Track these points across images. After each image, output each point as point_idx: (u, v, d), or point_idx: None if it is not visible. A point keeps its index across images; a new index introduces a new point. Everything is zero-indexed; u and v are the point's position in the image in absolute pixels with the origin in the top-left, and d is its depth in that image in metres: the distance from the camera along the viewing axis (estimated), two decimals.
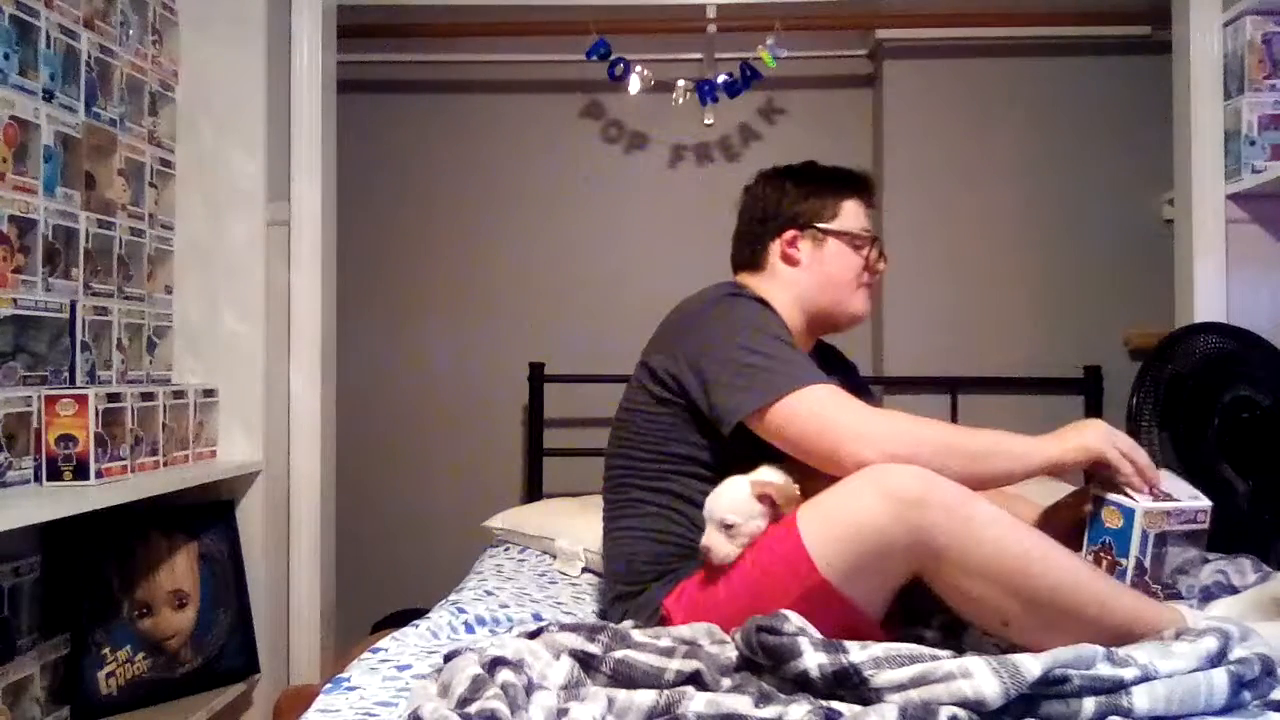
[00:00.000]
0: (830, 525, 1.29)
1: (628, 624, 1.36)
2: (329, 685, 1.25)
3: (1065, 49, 2.98)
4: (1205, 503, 1.43)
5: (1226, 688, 1.07)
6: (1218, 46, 2.28)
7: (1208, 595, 1.57)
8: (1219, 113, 2.28)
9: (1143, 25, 2.88)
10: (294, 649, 2.34)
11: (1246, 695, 1.09)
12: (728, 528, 1.38)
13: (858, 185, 1.70)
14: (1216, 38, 2.28)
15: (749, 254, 1.71)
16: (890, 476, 1.27)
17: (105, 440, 1.80)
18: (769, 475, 1.43)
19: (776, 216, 1.68)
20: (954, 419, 2.81)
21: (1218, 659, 1.10)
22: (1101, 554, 1.43)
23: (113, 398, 1.84)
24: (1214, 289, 2.27)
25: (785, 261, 1.67)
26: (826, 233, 1.65)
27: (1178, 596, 1.44)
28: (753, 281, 1.67)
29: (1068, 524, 1.51)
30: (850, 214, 1.68)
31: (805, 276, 1.66)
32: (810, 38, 2.97)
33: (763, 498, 1.39)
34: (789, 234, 1.66)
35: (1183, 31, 2.35)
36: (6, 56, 1.70)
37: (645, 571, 1.51)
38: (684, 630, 1.28)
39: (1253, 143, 2.19)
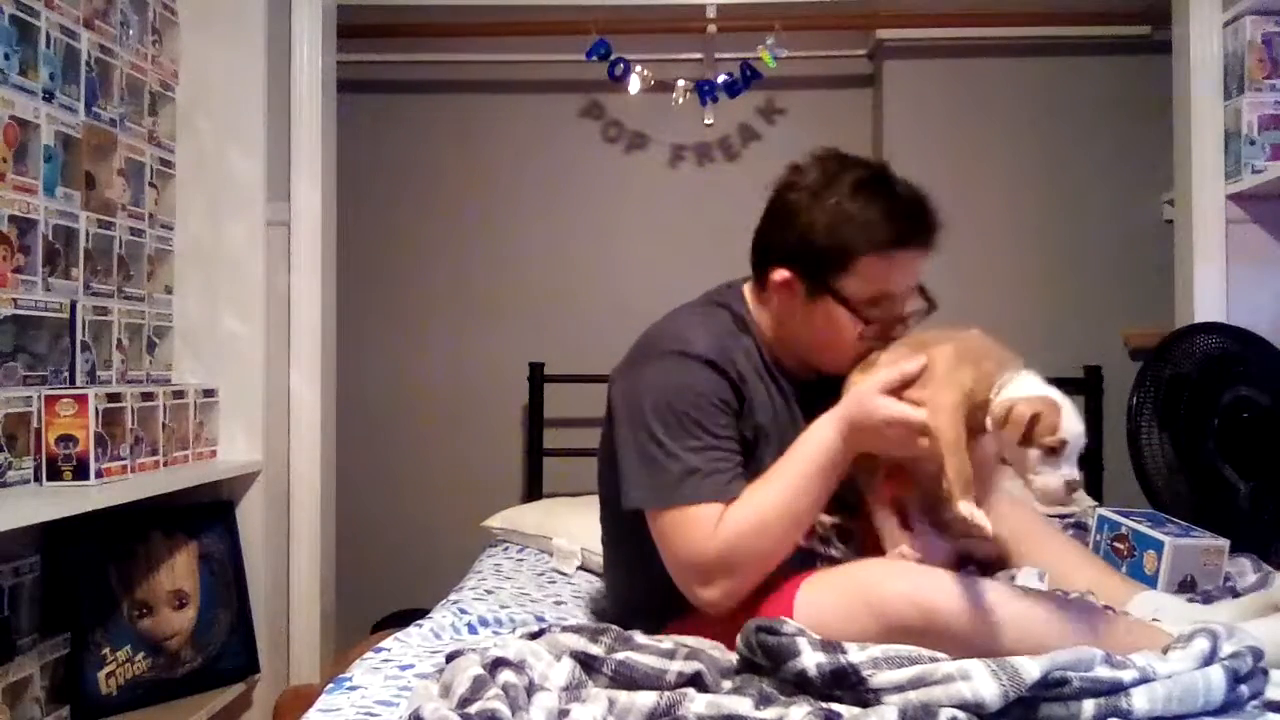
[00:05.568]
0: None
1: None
2: (331, 685, 1.25)
3: (1065, 49, 2.98)
4: None
5: (1223, 684, 1.07)
6: (1218, 46, 2.28)
7: (1208, 597, 1.58)
8: (1219, 113, 2.28)
9: (1142, 25, 2.88)
10: (294, 649, 2.34)
11: (1244, 690, 1.10)
12: None
13: (901, 235, 1.35)
14: (1216, 38, 2.28)
15: (754, 262, 1.47)
16: (887, 609, 1.21)
17: (105, 440, 1.80)
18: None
19: (783, 244, 1.40)
20: None
21: (1211, 658, 1.10)
22: None
23: (113, 398, 1.84)
24: (1214, 289, 2.27)
25: (777, 297, 1.43)
26: (825, 291, 1.37)
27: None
28: (752, 295, 1.50)
29: None
30: (869, 273, 1.35)
31: (794, 323, 1.43)
32: (810, 38, 2.96)
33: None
34: (785, 274, 1.40)
35: (1183, 31, 2.35)
36: (6, 56, 1.70)
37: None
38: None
39: (1253, 143, 2.19)
